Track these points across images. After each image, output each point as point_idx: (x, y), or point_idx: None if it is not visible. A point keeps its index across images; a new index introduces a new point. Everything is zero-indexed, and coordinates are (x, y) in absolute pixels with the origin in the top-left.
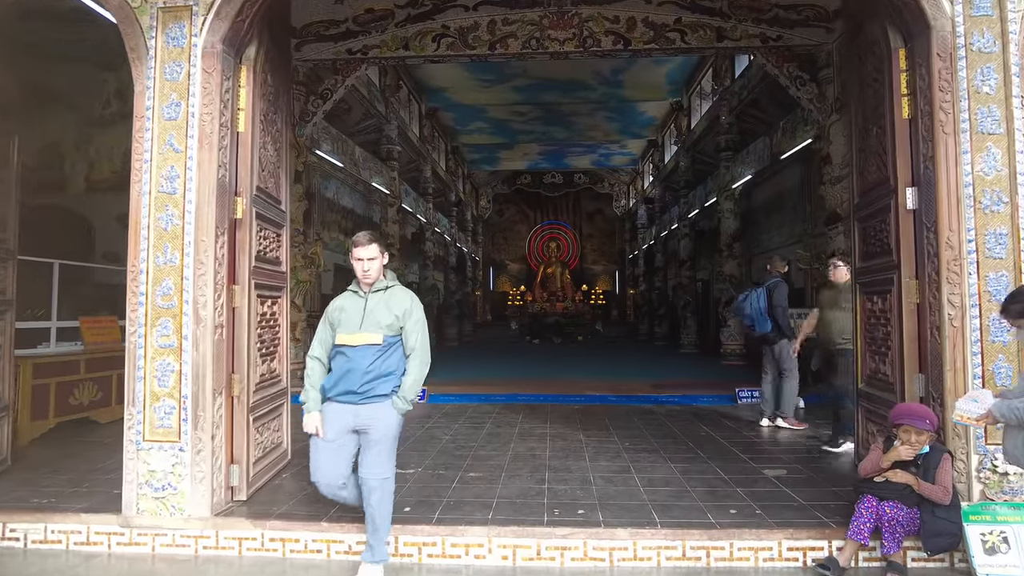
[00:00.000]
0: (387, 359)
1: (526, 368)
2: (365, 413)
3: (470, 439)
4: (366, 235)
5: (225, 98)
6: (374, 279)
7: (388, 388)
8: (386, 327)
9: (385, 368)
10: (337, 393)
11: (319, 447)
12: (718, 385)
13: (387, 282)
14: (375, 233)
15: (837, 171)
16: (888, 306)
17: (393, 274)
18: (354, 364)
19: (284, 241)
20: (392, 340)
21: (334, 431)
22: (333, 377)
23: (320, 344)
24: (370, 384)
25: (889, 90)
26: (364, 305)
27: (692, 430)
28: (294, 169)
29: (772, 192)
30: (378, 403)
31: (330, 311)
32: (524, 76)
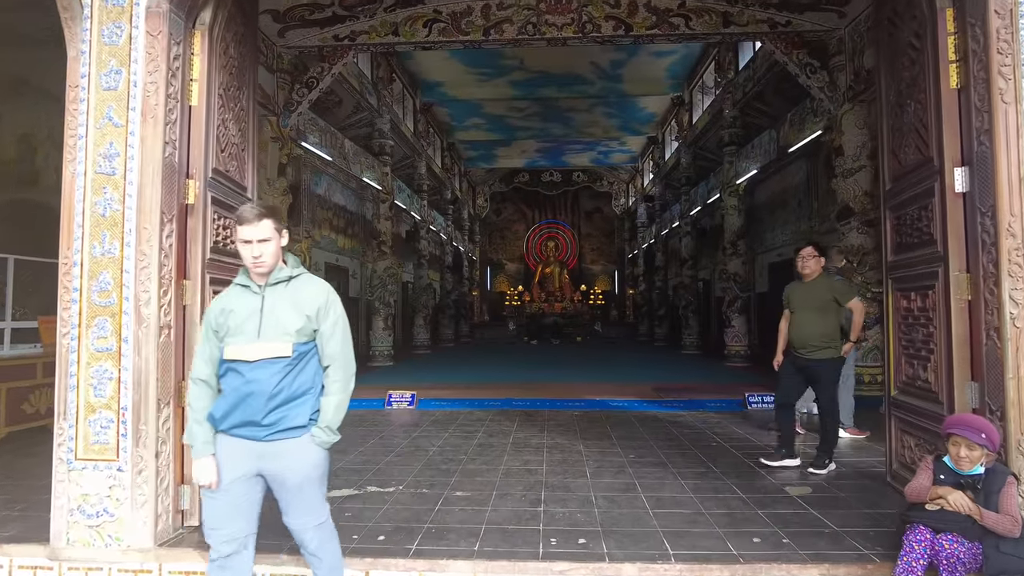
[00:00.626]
0: (299, 375)
1: (523, 370)
2: (275, 453)
3: (459, 451)
4: (254, 208)
5: (174, 66)
6: (269, 267)
7: (304, 415)
8: (295, 333)
9: (297, 388)
10: (232, 425)
11: (213, 497)
12: (725, 389)
13: (289, 270)
14: (267, 205)
15: (850, 163)
16: (930, 304)
17: (296, 259)
18: (254, 386)
19: None
20: (305, 349)
21: (231, 476)
22: (225, 403)
23: (205, 361)
24: (279, 412)
25: (932, 58)
26: (261, 304)
27: (701, 439)
28: (278, 161)
29: (776, 188)
30: (292, 438)
31: (211, 315)
32: (522, 70)
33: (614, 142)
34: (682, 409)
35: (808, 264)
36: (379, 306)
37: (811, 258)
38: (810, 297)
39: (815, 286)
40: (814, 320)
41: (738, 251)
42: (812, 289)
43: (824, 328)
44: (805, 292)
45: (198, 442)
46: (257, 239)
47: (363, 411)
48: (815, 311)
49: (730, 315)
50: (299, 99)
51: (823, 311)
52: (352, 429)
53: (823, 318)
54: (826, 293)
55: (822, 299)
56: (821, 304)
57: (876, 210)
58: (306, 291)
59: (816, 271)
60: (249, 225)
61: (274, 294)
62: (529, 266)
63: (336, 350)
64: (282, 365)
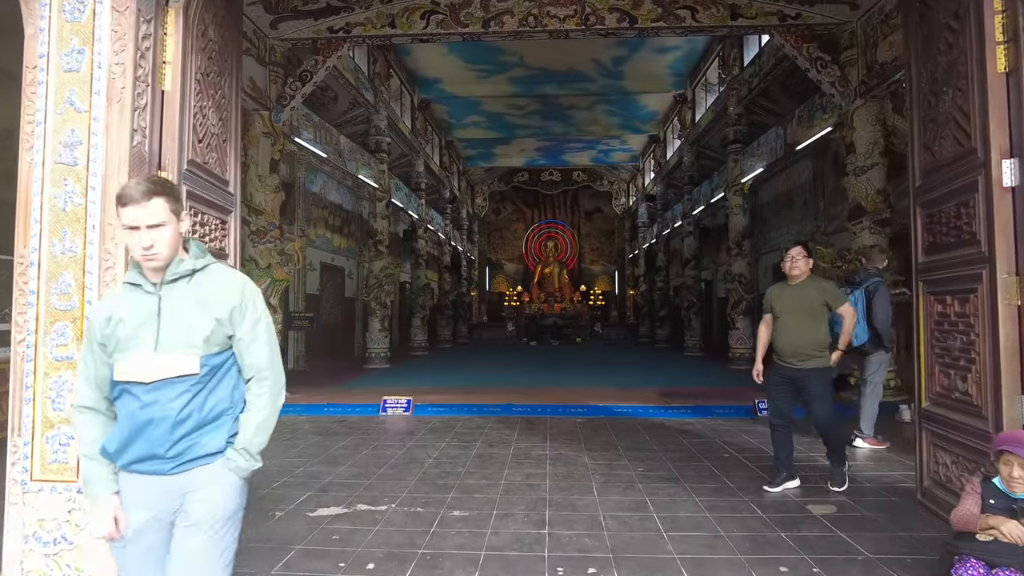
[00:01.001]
0: (212, 394)
1: (523, 373)
2: (183, 486)
3: (457, 463)
4: (140, 184)
5: (143, 46)
6: (166, 260)
7: (220, 440)
8: (203, 342)
9: (211, 411)
10: (132, 461)
11: (122, 548)
12: (732, 394)
13: (192, 261)
14: (160, 179)
15: (862, 160)
16: (971, 309)
17: (200, 246)
18: (155, 412)
19: (232, 230)
20: (218, 361)
21: (141, 519)
22: (120, 434)
23: (90, 384)
24: (187, 441)
25: (975, 39)
26: (157, 307)
27: (712, 449)
28: (270, 157)
29: (782, 188)
30: (203, 466)
31: (94, 325)
32: (521, 66)
33: (615, 140)
34: (690, 416)
35: (798, 264)
36: (375, 307)
37: (801, 258)
38: (800, 301)
39: (805, 289)
40: (805, 326)
41: (743, 251)
42: (801, 292)
43: (816, 334)
44: (794, 295)
45: (95, 482)
46: (147, 224)
47: (356, 418)
48: (805, 316)
49: (734, 317)
50: (292, 93)
51: (814, 316)
52: (344, 439)
53: (814, 324)
54: (817, 296)
55: (813, 303)
56: (812, 308)
57: (889, 209)
58: (215, 287)
59: (805, 272)
60: (135, 206)
61: (174, 293)
62: (528, 266)
63: (259, 359)
64: (188, 384)
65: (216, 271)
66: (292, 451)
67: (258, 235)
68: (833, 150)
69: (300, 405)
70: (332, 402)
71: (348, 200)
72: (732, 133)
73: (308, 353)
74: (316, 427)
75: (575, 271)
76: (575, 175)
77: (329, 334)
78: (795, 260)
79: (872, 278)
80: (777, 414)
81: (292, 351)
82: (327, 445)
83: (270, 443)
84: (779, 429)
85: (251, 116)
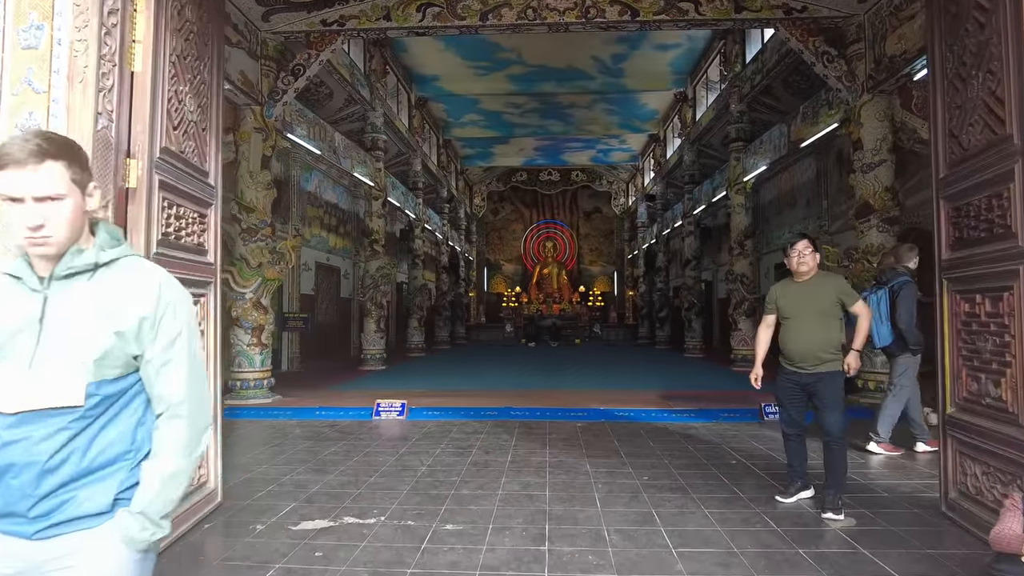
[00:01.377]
0: (102, 432)
1: (521, 375)
2: (49, 558)
3: (452, 471)
4: (29, 141)
5: (110, 22)
6: (60, 247)
7: (106, 496)
8: (96, 363)
9: (97, 455)
10: None
11: None
12: (736, 397)
13: (96, 252)
14: (58, 138)
15: (869, 157)
16: (1005, 309)
17: (113, 231)
18: (17, 454)
19: (212, 224)
20: (115, 390)
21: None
22: None
23: None
24: (58, 497)
25: (1014, 17)
26: (41, 309)
27: (719, 456)
28: (261, 153)
29: (784, 187)
30: (81, 531)
31: None
32: (520, 64)
33: (614, 140)
34: (694, 419)
35: (806, 260)
36: (371, 307)
37: (808, 253)
38: (810, 299)
39: (815, 286)
40: (817, 327)
41: (745, 251)
42: (812, 290)
43: (829, 336)
44: (803, 294)
45: None
46: (34, 195)
47: (348, 422)
48: (817, 316)
49: (737, 318)
50: (284, 88)
51: (826, 316)
52: (335, 444)
53: (827, 324)
54: (830, 294)
55: (825, 301)
56: (824, 308)
57: (898, 207)
58: (122, 288)
59: (814, 268)
60: (17, 169)
61: (66, 294)
62: (527, 267)
63: (173, 390)
64: (68, 420)
65: (128, 267)
66: (280, 457)
67: (249, 233)
68: (837, 147)
69: (291, 409)
70: (324, 405)
71: (344, 199)
72: (734, 131)
73: (303, 354)
74: (307, 432)
75: (574, 272)
76: (574, 175)
77: (324, 335)
78: (802, 255)
79: (899, 277)
80: (789, 423)
81: (286, 352)
82: (317, 451)
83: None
84: (792, 438)
85: (242, 111)
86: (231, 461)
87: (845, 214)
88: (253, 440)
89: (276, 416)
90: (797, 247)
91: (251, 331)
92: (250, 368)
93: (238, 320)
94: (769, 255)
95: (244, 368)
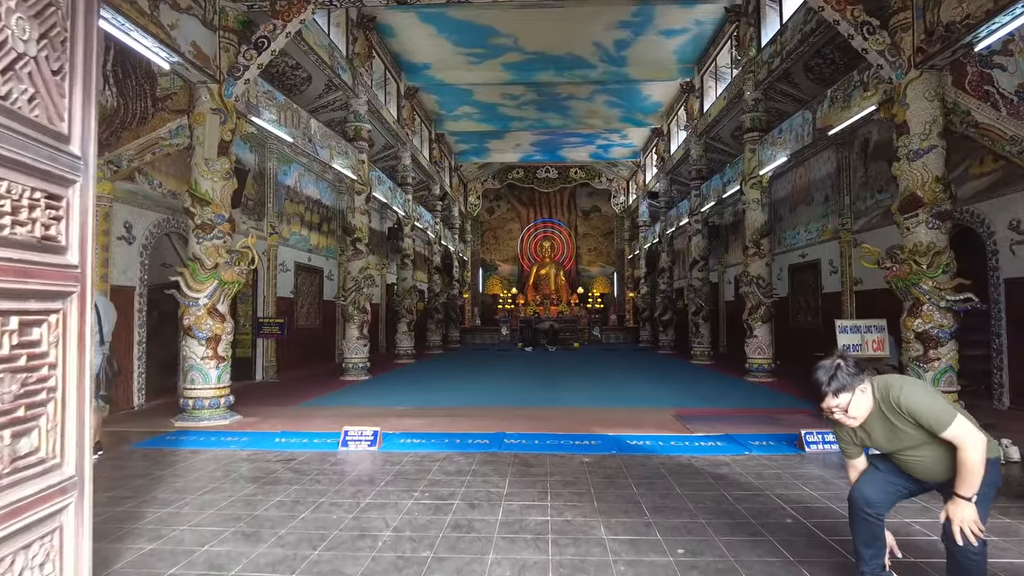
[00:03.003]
0: None
1: (517, 388)
2: None
3: (423, 539)
4: None
5: None
6: None
7: None
8: None
9: None
10: None
11: None
12: (764, 419)
13: None
14: None
15: (917, 142)
16: None
17: None
18: None
19: (76, 211)
20: None
21: None
22: None
23: None
24: None
25: None
26: None
27: (769, 512)
28: (219, 138)
29: (800, 183)
30: None
31: None
32: (516, 50)
33: (615, 134)
34: (721, 451)
35: (851, 419)
36: (353, 312)
37: (846, 403)
38: (898, 439)
39: (886, 425)
40: (933, 457)
41: (761, 251)
42: (888, 430)
43: (950, 458)
44: (884, 433)
45: None
46: None
47: (309, 454)
48: (924, 448)
49: (752, 323)
50: (247, 63)
51: (934, 444)
52: (283, 491)
53: (942, 449)
54: (911, 429)
55: (915, 437)
56: (923, 439)
57: (950, 199)
58: None
59: (867, 409)
60: None
61: None
62: (523, 267)
63: None
64: None
65: None
66: (207, 512)
67: (203, 229)
68: (862, 137)
69: (247, 434)
70: (287, 429)
71: (328, 195)
72: (749, 120)
73: (280, 363)
74: (254, 469)
75: (572, 272)
76: (572, 172)
77: (306, 341)
78: (842, 412)
79: None
80: (865, 502)
81: (261, 361)
82: (258, 501)
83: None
84: (866, 519)
85: (196, 89)
86: (140, 517)
87: (871, 211)
88: (186, 481)
89: (227, 445)
90: (827, 406)
91: (206, 342)
92: (204, 384)
93: (190, 330)
94: (783, 255)
95: (197, 384)
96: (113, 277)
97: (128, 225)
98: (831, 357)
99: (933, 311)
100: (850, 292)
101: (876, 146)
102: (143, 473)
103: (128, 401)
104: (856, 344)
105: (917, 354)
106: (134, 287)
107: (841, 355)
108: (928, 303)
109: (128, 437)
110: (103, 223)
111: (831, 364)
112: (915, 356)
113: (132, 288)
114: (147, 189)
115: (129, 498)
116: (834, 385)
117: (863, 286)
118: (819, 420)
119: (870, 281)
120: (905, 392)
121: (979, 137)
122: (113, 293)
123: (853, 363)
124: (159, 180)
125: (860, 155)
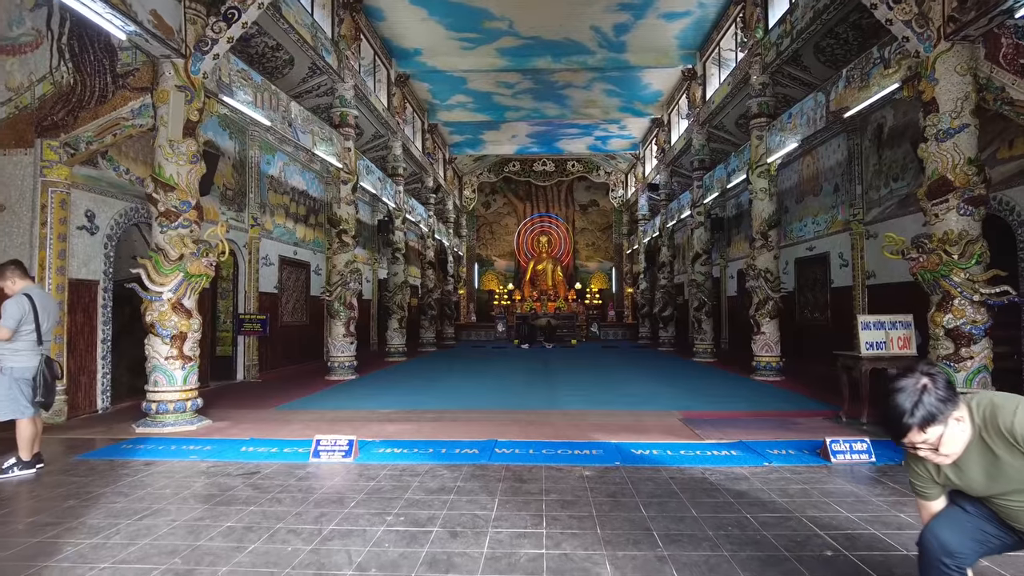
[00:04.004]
0: None
1: (512, 387)
2: None
3: None
4: None
5: None
6: None
7: None
8: None
9: None
10: None
11: None
12: (778, 422)
13: None
14: None
15: (947, 121)
16: None
17: None
18: None
19: None
20: None
21: None
22: None
23: None
24: None
25: None
26: None
27: (802, 540)
28: (184, 117)
29: (806, 172)
30: None
31: None
32: (511, 35)
33: (614, 125)
34: (737, 461)
35: (943, 455)
36: (339, 308)
37: (935, 439)
38: (1011, 474)
39: (992, 452)
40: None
41: (769, 243)
42: (991, 461)
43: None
44: (988, 468)
45: None
46: None
47: (275, 466)
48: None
49: (760, 320)
50: (215, 36)
51: None
52: (236, 514)
53: None
54: (1017, 460)
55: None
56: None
57: (984, 183)
58: None
59: (964, 438)
60: None
61: None
62: (520, 263)
63: None
64: None
65: None
66: (139, 543)
67: (168, 217)
68: (876, 123)
69: (212, 442)
70: (257, 436)
71: (315, 186)
72: (756, 105)
73: (265, 362)
74: (209, 485)
75: (569, 268)
76: (570, 165)
77: (291, 338)
78: (924, 450)
79: None
80: (945, 551)
81: (242, 360)
82: (203, 528)
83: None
84: (944, 571)
85: (160, 65)
86: (56, 552)
87: (884, 200)
88: (127, 501)
89: (186, 455)
90: (909, 441)
91: (170, 340)
92: (169, 386)
93: (153, 327)
94: (790, 247)
95: (161, 386)
96: (72, 270)
97: (90, 214)
98: (912, 374)
99: (965, 305)
100: (862, 286)
101: (891, 131)
102: (80, 491)
103: (91, 405)
104: (880, 341)
105: (947, 352)
106: (97, 281)
107: (927, 371)
108: (960, 296)
109: (82, 445)
110: (59, 211)
111: (915, 385)
112: (945, 355)
113: (95, 282)
114: (112, 175)
115: (51, 525)
116: (920, 415)
117: (876, 280)
118: (839, 425)
119: (883, 275)
120: (1020, 416)
121: (1015, 116)
122: (72, 287)
123: (944, 382)
124: (126, 166)
125: (874, 141)
